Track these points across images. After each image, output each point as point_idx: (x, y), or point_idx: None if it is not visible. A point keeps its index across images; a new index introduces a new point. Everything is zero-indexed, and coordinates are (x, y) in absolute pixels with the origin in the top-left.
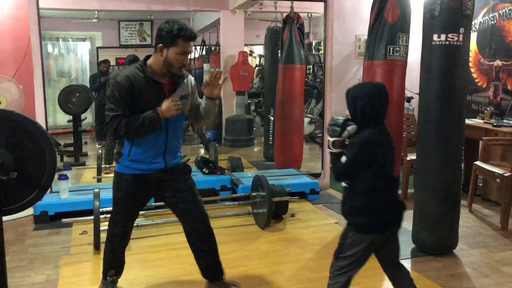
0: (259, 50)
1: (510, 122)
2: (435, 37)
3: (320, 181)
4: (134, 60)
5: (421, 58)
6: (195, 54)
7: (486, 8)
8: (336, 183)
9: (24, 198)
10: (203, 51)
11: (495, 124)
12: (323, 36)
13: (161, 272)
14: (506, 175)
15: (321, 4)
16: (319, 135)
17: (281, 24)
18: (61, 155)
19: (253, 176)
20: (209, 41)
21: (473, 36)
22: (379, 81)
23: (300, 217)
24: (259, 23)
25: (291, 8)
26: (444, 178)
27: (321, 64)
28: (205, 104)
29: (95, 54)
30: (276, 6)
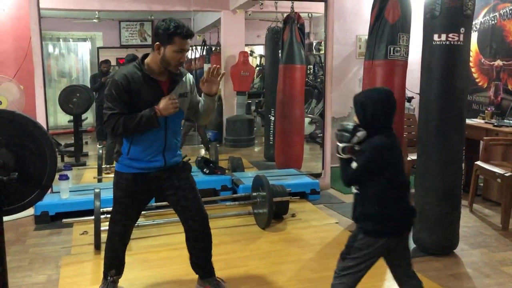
0: (259, 50)
1: (511, 122)
2: (436, 37)
3: (321, 181)
4: (134, 59)
5: (421, 58)
6: (195, 54)
7: (486, 8)
8: (336, 183)
9: (25, 198)
10: (204, 51)
11: (496, 124)
12: (324, 36)
13: (161, 272)
14: (507, 175)
15: (322, 4)
16: (319, 135)
17: (281, 24)
18: (62, 155)
19: (253, 176)
20: (209, 41)
21: (474, 36)
22: (382, 84)
23: (301, 217)
24: (260, 23)
25: (292, 8)
26: (445, 178)
27: (322, 64)
28: (204, 101)
29: (96, 54)
30: (276, 6)
